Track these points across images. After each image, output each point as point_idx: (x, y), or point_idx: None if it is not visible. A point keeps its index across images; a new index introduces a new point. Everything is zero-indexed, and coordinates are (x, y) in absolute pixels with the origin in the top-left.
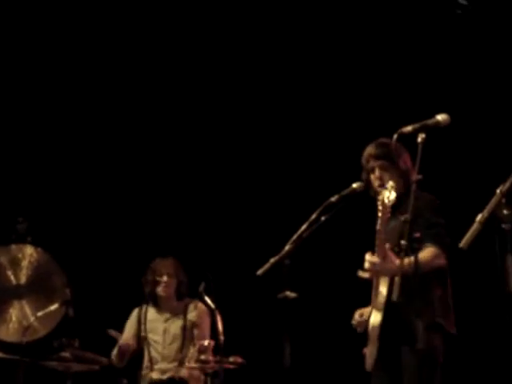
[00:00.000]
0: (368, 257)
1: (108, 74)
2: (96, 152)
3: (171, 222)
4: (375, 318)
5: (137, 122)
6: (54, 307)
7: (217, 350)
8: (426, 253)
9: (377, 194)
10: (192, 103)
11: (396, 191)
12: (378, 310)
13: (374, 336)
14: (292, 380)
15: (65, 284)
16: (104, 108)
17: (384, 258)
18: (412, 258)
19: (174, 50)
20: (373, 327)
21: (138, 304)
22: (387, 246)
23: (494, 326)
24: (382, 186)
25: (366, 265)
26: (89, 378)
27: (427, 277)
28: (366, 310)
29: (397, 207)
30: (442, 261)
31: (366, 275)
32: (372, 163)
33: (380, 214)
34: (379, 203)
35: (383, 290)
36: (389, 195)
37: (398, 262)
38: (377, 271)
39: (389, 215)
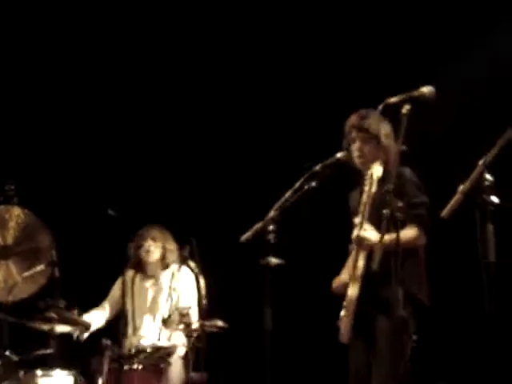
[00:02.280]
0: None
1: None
2: (84, 115)
3: (157, 186)
4: (352, 290)
5: (126, 88)
6: (39, 268)
7: (199, 313)
8: (408, 233)
9: (357, 164)
10: (178, 76)
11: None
12: (355, 282)
13: (350, 308)
14: (273, 344)
15: (51, 245)
16: (92, 73)
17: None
18: (393, 235)
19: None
20: (350, 299)
21: (122, 267)
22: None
23: (474, 296)
24: (362, 157)
25: (357, 239)
26: (73, 338)
27: (404, 251)
28: (341, 277)
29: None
30: (422, 242)
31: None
32: (354, 134)
33: (367, 188)
34: (368, 177)
35: (361, 262)
36: (378, 169)
37: (377, 237)
38: (367, 245)
39: (375, 189)
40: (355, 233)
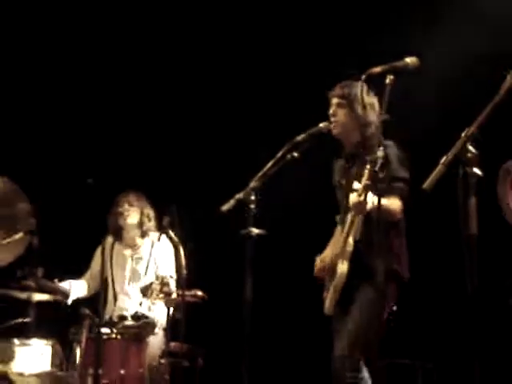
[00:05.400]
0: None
1: None
2: (63, 83)
3: (137, 155)
4: (342, 267)
5: (106, 61)
6: (18, 236)
7: (179, 283)
8: (390, 202)
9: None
10: (159, 47)
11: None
12: (345, 259)
13: (339, 283)
14: (252, 315)
15: (30, 213)
16: (73, 45)
17: None
18: (375, 200)
19: None
20: (340, 276)
21: (102, 235)
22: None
23: (455, 269)
24: (335, 122)
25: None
26: (51, 307)
27: (385, 227)
28: (324, 255)
29: (355, 155)
30: (399, 215)
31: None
32: (333, 101)
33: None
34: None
35: (351, 239)
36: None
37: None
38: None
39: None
40: (355, 198)
